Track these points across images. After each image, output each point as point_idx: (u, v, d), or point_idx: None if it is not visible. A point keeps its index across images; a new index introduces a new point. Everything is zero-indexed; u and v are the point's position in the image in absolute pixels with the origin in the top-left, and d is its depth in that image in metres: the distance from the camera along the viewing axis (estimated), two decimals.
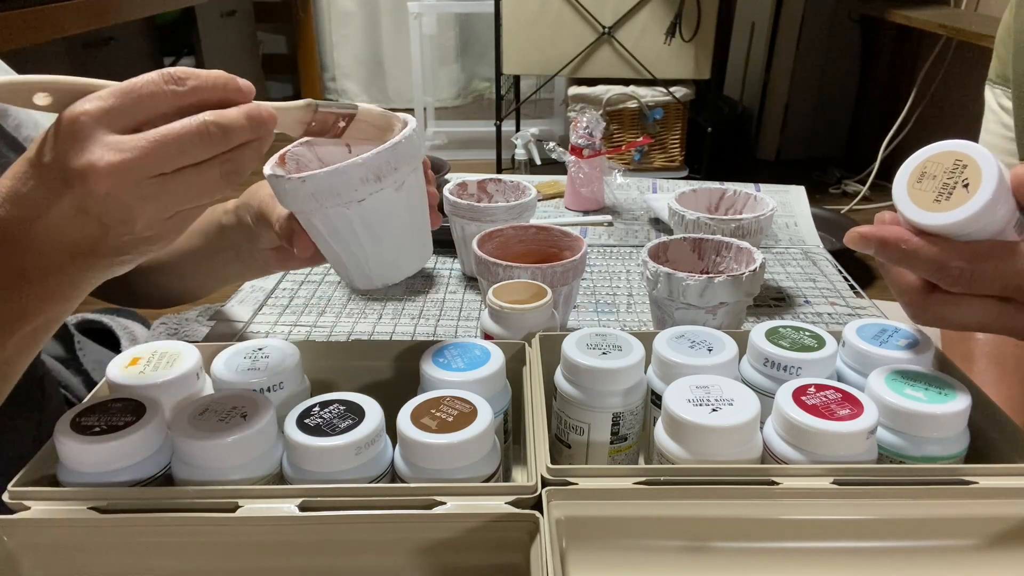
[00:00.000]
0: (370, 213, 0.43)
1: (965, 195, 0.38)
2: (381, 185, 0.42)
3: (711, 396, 0.40)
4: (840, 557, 0.38)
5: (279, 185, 0.43)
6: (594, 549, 0.37)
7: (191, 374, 0.45)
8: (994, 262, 0.39)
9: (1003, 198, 0.38)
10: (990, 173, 0.38)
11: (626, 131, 2.46)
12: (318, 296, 0.77)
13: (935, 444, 0.40)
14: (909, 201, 0.40)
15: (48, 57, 1.75)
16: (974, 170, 0.39)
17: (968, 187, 0.38)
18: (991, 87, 0.73)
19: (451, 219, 0.79)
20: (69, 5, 1.66)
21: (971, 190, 0.38)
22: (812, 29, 2.90)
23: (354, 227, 0.44)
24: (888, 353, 0.45)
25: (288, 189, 0.42)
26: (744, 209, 0.77)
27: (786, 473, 0.38)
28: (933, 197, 0.39)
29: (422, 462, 0.38)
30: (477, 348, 0.46)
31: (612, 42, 2.39)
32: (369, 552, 0.37)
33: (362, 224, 0.44)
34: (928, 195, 0.40)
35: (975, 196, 0.38)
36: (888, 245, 0.40)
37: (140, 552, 0.37)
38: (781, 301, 0.76)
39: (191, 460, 0.38)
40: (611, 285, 0.80)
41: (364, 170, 0.41)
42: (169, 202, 0.37)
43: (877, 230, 0.41)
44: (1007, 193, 0.39)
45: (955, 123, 2.46)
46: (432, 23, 3.04)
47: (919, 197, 0.40)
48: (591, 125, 0.98)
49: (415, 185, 0.45)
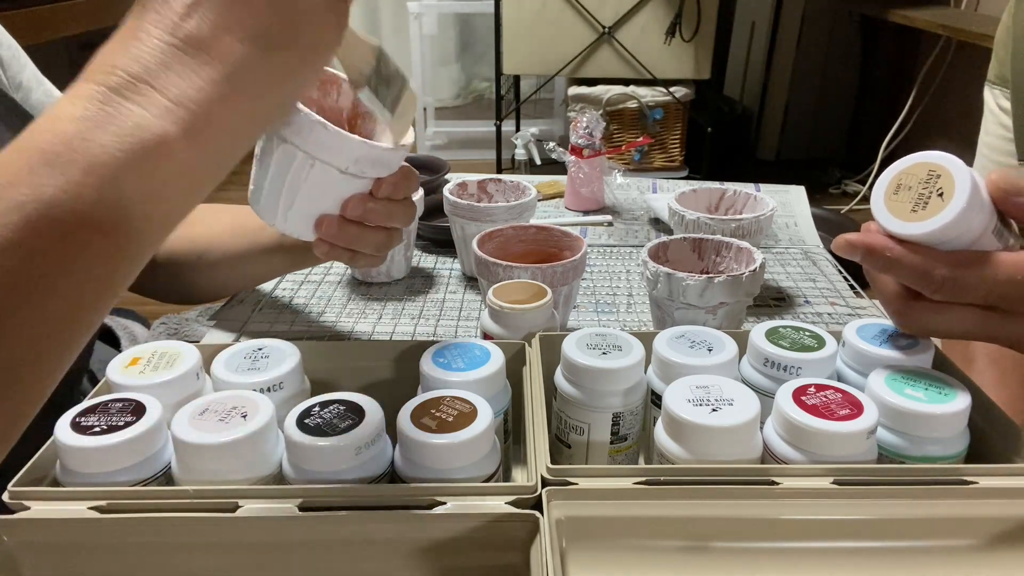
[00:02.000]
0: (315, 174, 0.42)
1: (940, 204, 0.39)
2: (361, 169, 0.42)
3: (711, 396, 0.40)
4: (840, 557, 0.38)
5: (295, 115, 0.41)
6: (594, 549, 0.37)
7: (191, 374, 0.45)
8: (976, 270, 0.39)
9: (978, 206, 0.39)
10: (963, 182, 0.39)
11: (626, 131, 2.46)
12: (318, 296, 0.77)
13: (935, 444, 0.40)
14: (887, 212, 0.41)
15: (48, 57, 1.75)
16: (948, 180, 0.39)
17: (943, 196, 0.39)
18: (990, 88, 0.73)
19: (451, 219, 0.79)
20: (69, 5, 1.66)
21: (945, 199, 0.39)
22: (812, 29, 2.90)
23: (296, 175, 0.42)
24: (888, 353, 0.45)
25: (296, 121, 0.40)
26: (744, 209, 0.77)
27: (786, 473, 0.38)
28: (910, 208, 0.40)
29: (422, 462, 0.38)
30: (477, 348, 0.46)
31: (612, 42, 2.40)
32: (369, 552, 0.37)
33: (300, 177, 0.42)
34: (905, 206, 0.40)
35: (949, 205, 0.39)
36: (874, 252, 0.41)
37: (140, 552, 0.37)
38: (781, 301, 0.76)
39: (191, 460, 0.38)
40: (611, 285, 0.80)
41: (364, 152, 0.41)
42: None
43: (864, 237, 0.41)
44: (982, 201, 0.39)
45: (955, 123, 2.46)
46: (432, 23, 3.04)
47: (896, 208, 0.41)
48: (591, 125, 0.98)
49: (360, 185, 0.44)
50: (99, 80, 0.29)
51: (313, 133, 0.40)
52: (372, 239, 0.47)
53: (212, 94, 0.29)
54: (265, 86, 0.32)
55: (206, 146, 0.30)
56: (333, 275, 0.82)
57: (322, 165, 0.42)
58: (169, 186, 0.30)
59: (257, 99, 0.32)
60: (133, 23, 0.30)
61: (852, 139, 3.02)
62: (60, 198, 0.26)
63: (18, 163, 0.27)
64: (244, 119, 0.32)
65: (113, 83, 0.28)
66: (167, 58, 0.29)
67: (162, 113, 0.29)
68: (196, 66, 0.29)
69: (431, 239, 0.88)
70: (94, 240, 0.27)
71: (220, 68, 0.30)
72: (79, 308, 0.28)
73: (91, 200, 0.27)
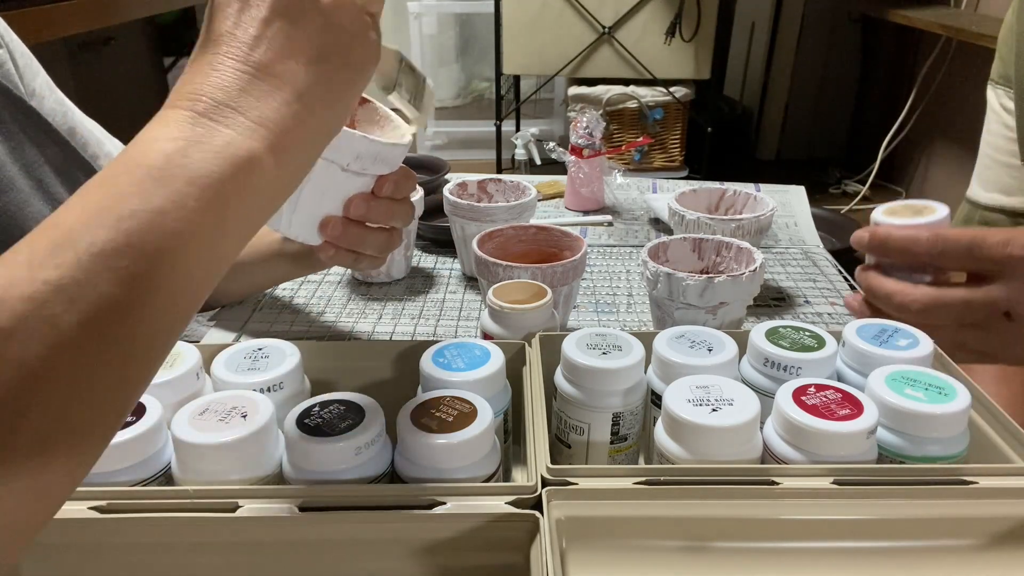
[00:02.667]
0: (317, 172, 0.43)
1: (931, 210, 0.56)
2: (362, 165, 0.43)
3: (711, 396, 0.40)
4: (840, 557, 0.38)
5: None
6: (594, 549, 0.37)
7: (191, 374, 0.45)
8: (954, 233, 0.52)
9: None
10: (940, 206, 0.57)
11: (626, 131, 2.46)
12: (318, 296, 0.77)
13: (935, 444, 0.40)
14: (889, 219, 0.57)
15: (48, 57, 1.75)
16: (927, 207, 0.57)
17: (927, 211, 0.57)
18: (993, 87, 0.73)
19: (451, 219, 0.79)
20: (69, 5, 1.66)
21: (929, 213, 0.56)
22: (812, 29, 2.90)
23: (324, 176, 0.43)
24: (888, 353, 0.45)
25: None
26: (744, 209, 0.77)
27: (786, 473, 0.38)
28: (907, 217, 0.56)
29: (422, 462, 0.38)
30: (477, 348, 0.46)
31: (612, 42, 2.39)
32: (369, 552, 0.37)
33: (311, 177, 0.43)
34: (902, 217, 0.56)
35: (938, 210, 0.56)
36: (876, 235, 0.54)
37: (140, 552, 0.37)
38: (781, 301, 0.76)
39: (191, 460, 0.38)
40: (611, 285, 0.80)
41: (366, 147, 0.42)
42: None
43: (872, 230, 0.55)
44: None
45: (955, 123, 2.46)
46: (432, 23, 3.04)
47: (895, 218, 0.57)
48: (591, 125, 0.98)
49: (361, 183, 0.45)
50: (186, 106, 0.32)
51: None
52: (374, 240, 0.48)
53: (287, 113, 0.33)
54: (328, 102, 0.35)
55: (287, 161, 0.34)
56: (333, 275, 0.82)
57: (324, 163, 0.42)
58: (259, 198, 0.33)
59: (323, 114, 0.35)
60: (206, 56, 0.33)
61: (852, 139, 3.02)
62: (167, 208, 0.29)
63: (126, 179, 0.29)
64: (314, 133, 0.35)
65: (201, 108, 0.31)
66: (244, 84, 0.32)
67: (247, 132, 0.32)
68: (270, 90, 0.33)
69: (431, 239, 0.88)
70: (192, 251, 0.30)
71: (290, 90, 0.33)
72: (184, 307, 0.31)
73: (193, 208, 0.29)
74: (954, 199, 0.72)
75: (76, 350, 0.26)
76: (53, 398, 0.25)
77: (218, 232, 0.31)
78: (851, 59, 2.91)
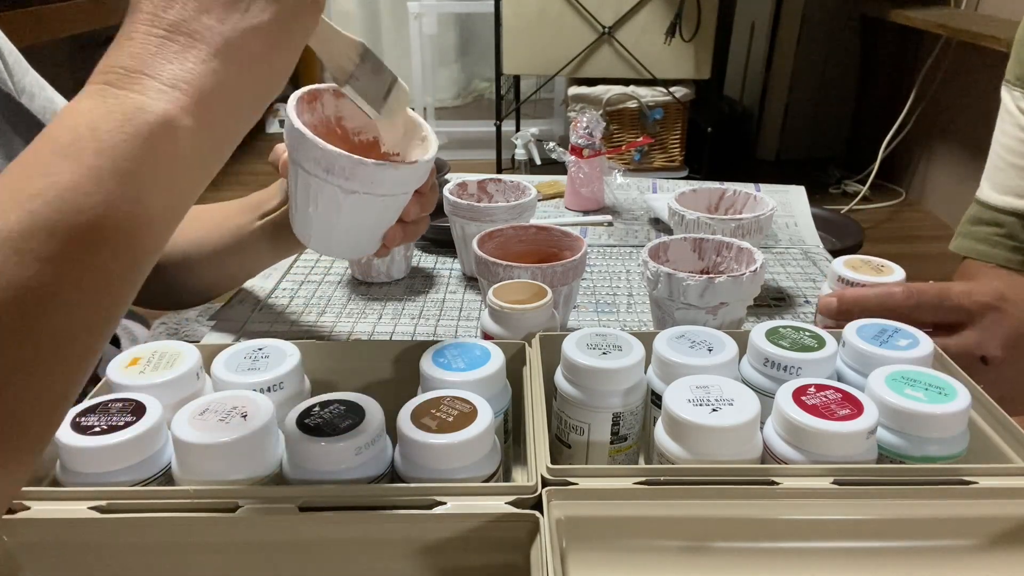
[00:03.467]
0: (347, 202, 0.45)
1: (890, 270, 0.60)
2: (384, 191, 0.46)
3: (711, 396, 0.40)
4: (840, 557, 0.38)
5: (301, 137, 0.44)
6: (594, 549, 0.37)
7: (191, 374, 0.45)
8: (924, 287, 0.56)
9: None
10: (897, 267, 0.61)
11: (626, 131, 2.46)
12: (318, 296, 0.77)
13: (935, 444, 0.40)
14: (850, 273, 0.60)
15: (48, 57, 1.76)
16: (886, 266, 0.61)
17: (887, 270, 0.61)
18: (1008, 88, 0.71)
19: (451, 219, 0.79)
20: (69, 5, 1.66)
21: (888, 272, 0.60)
22: (812, 29, 2.90)
23: (331, 203, 0.46)
24: (888, 353, 0.45)
25: (303, 141, 0.44)
26: (744, 209, 0.77)
27: (786, 473, 0.38)
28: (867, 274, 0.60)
29: (422, 462, 0.38)
30: (477, 348, 0.46)
31: (612, 42, 2.40)
32: (369, 552, 0.37)
33: (334, 205, 0.46)
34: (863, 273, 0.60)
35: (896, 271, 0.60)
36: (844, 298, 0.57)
37: (140, 552, 0.37)
38: (781, 301, 0.76)
39: (191, 460, 0.38)
40: (611, 285, 0.80)
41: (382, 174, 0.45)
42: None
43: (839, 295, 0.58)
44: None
45: (955, 123, 2.46)
46: (432, 23, 3.04)
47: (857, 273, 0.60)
48: (591, 125, 0.98)
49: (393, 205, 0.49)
50: (99, 80, 0.31)
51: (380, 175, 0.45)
52: (413, 231, 0.54)
53: (203, 71, 0.32)
54: (253, 57, 0.33)
55: (208, 123, 0.32)
56: (333, 275, 0.82)
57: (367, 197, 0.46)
58: (178, 165, 0.31)
59: (247, 71, 0.33)
60: (125, 27, 0.32)
61: (852, 139, 3.02)
62: (79, 183, 0.28)
63: (34, 159, 0.28)
64: (239, 92, 0.34)
65: (112, 79, 0.31)
66: (156, 48, 0.31)
67: (159, 95, 0.31)
68: (182, 50, 0.32)
69: (431, 239, 0.88)
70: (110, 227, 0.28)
71: (205, 47, 0.32)
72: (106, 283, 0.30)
73: (106, 179, 0.28)
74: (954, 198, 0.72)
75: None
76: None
77: (140, 204, 0.29)
78: (851, 59, 2.91)
